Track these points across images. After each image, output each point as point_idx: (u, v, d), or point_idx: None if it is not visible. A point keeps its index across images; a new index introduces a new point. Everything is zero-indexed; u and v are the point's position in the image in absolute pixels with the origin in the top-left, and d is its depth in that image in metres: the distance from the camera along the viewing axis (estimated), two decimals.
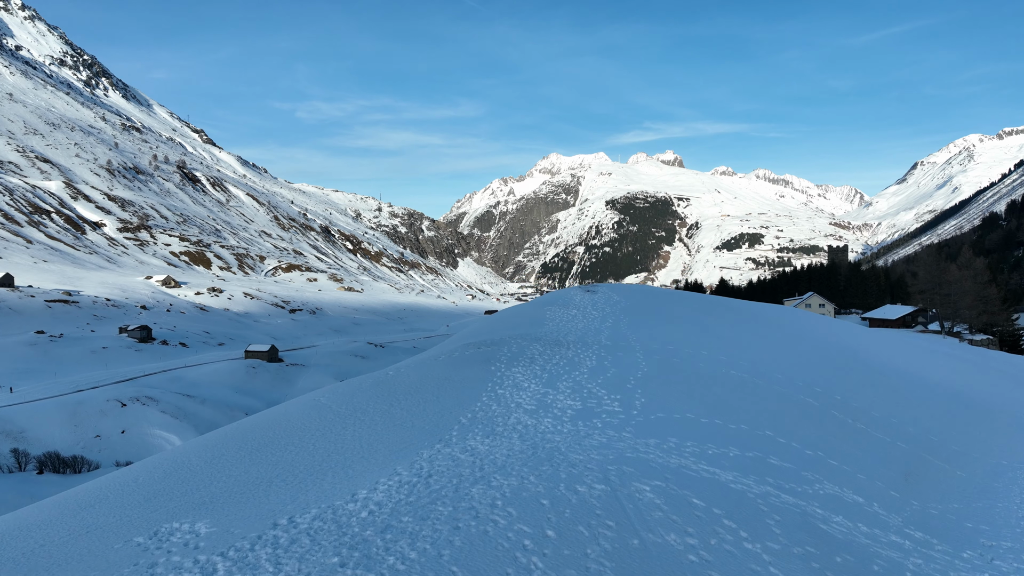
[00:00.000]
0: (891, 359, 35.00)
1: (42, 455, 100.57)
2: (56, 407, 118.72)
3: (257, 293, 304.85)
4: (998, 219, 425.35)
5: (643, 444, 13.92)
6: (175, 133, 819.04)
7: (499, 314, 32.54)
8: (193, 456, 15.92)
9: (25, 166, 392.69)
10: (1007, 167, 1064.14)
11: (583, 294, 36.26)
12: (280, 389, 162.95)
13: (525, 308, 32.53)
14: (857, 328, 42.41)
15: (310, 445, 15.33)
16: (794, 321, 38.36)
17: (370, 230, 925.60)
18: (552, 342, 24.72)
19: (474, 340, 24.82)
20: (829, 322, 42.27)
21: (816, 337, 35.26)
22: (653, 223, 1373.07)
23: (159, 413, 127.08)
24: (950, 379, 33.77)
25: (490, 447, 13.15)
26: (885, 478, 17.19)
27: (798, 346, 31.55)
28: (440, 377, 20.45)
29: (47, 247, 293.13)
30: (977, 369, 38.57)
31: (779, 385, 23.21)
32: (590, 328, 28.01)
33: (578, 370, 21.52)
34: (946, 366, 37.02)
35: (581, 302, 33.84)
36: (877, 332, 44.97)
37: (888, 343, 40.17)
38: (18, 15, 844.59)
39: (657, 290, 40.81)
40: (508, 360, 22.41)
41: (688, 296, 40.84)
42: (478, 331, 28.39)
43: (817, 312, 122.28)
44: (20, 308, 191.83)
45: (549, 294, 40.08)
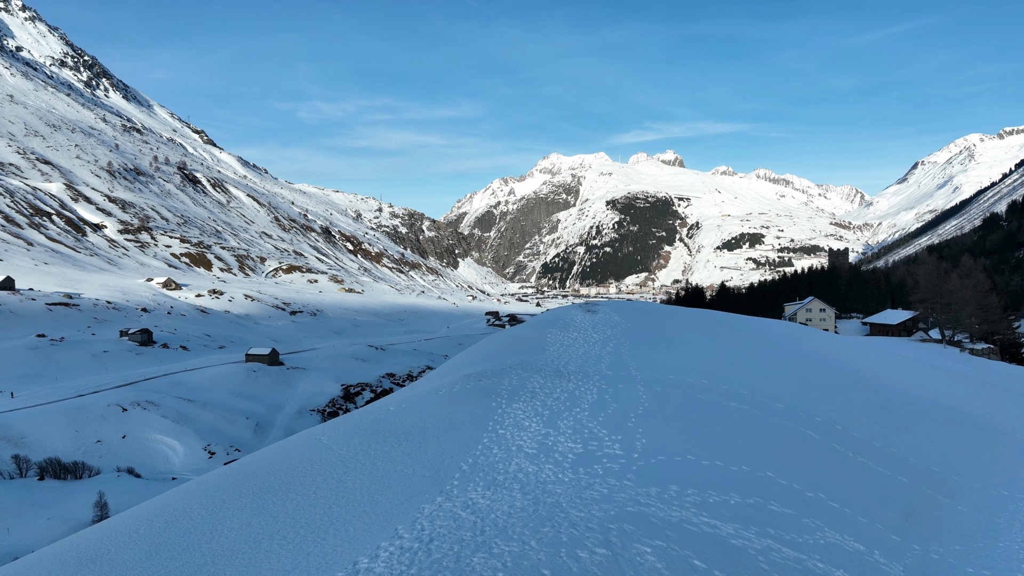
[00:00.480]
0: (892, 378, 34.91)
1: (43, 461, 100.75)
2: (57, 412, 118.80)
3: (258, 295, 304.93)
4: (999, 219, 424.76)
5: (644, 494, 13.88)
6: (175, 134, 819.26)
7: (501, 336, 32.38)
8: (195, 503, 15.84)
9: (26, 168, 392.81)
10: (1008, 167, 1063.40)
11: (584, 314, 36.16)
12: (281, 393, 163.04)
13: (527, 330, 32.35)
14: (858, 343, 42.29)
15: (311, 493, 15.25)
16: (795, 339, 38.19)
17: (371, 231, 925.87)
18: (553, 372, 24.62)
19: (475, 369, 24.70)
20: (830, 338, 42.23)
21: (817, 357, 35.15)
22: (654, 223, 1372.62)
23: (160, 418, 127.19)
24: (951, 398, 33.70)
25: (491, 502, 13.07)
26: (886, 519, 17.16)
27: (799, 369, 31.43)
28: (441, 415, 20.33)
29: (48, 249, 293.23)
30: (978, 386, 38.45)
31: (779, 416, 23.13)
32: (591, 354, 27.93)
33: (579, 406, 21.44)
34: (947, 384, 36.92)
35: (582, 323, 33.71)
36: (878, 346, 44.86)
37: (889, 359, 40.05)
38: (19, 16, 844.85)
39: (657, 308, 40.70)
40: (509, 395, 22.30)
41: (688, 314, 40.71)
42: (480, 355, 28.18)
43: (818, 317, 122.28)
44: (21, 311, 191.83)
45: (550, 313, 39.87)
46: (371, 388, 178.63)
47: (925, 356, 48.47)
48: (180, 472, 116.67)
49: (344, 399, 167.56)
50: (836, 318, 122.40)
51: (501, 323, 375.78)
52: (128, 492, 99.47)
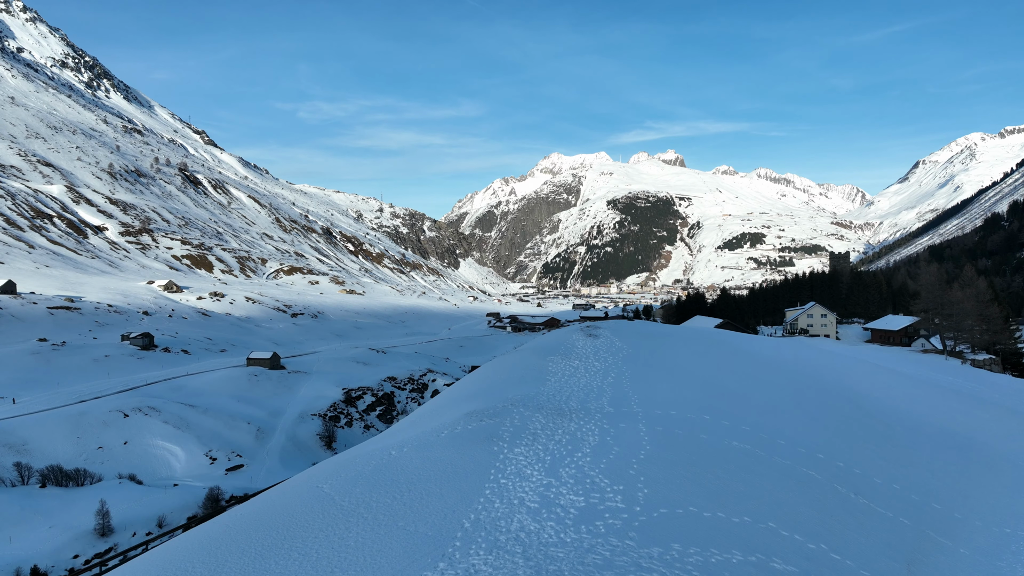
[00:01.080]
0: (892, 402, 34.77)
1: (45, 468, 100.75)
2: (58, 419, 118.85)
3: (259, 297, 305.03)
4: (1000, 220, 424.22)
5: (647, 557, 13.81)
6: (176, 134, 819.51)
7: (503, 362, 32.17)
8: (197, 561, 15.79)
9: (27, 170, 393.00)
10: (1009, 166, 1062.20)
11: (585, 338, 36.08)
12: (282, 397, 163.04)
13: (529, 357, 32.15)
14: (857, 363, 42.13)
15: (313, 554, 15.21)
16: (794, 361, 38.06)
17: (371, 231, 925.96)
18: (554, 410, 24.48)
19: (477, 406, 24.51)
20: (829, 356, 42.13)
21: (816, 380, 35.00)
22: (655, 223, 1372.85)
23: (161, 424, 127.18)
24: (952, 422, 33.58)
25: (494, 569, 13.03)
26: (889, 570, 17.12)
27: (798, 396, 31.32)
28: (443, 461, 20.23)
29: (49, 252, 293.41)
30: (979, 406, 38.28)
31: (781, 456, 23.06)
32: (592, 386, 27.85)
33: (581, 450, 21.35)
34: (947, 405, 36.78)
35: (583, 350, 33.61)
36: (878, 365, 44.72)
37: (888, 380, 39.92)
38: (19, 17, 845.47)
39: (657, 330, 40.47)
40: (511, 437, 22.19)
41: (688, 336, 40.46)
42: (482, 385, 27.98)
43: (819, 322, 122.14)
44: (23, 315, 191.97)
45: (552, 336, 39.65)
46: (372, 392, 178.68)
47: (926, 372, 48.31)
48: (182, 478, 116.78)
49: (345, 403, 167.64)
50: (837, 323, 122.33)
51: (502, 324, 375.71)
52: (130, 499, 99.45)
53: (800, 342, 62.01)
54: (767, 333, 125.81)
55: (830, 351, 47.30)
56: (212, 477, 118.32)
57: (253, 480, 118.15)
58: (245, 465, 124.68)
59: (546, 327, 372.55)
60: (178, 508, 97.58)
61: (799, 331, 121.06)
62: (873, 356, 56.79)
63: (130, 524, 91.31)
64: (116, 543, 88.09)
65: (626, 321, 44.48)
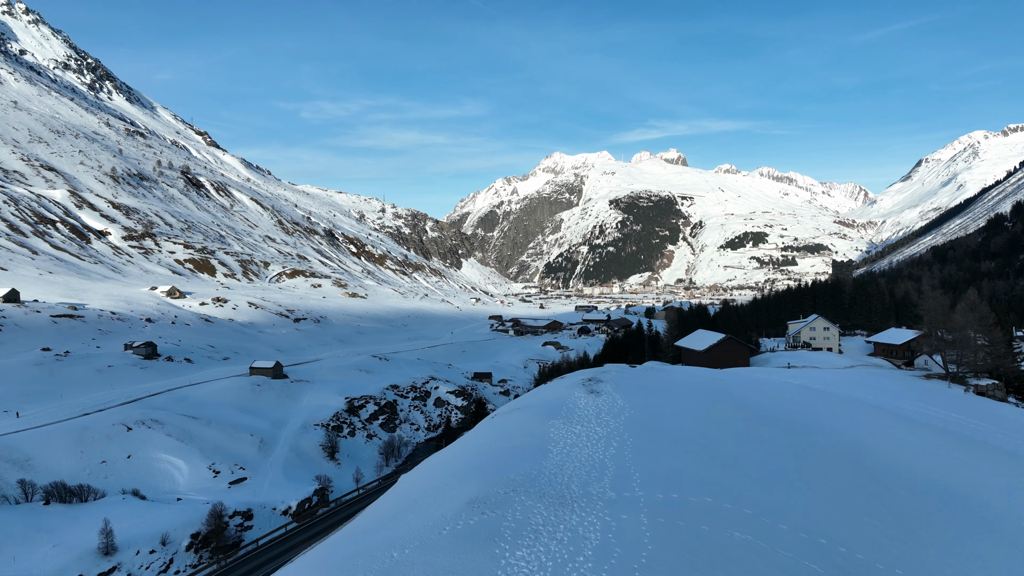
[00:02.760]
0: (896, 456, 34.43)
1: (48, 485, 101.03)
2: (62, 433, 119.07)
3: (261, 302, 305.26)
4: (1003, 220, 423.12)
5: None
6: (179, 136, 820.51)
7: (504, 426, 31.70)
8: None
9: (30, 175, 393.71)
10: (1012, 164, 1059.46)
11: (587, 396, 35.88)
12: (285, 407, 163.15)
13: (530, 422, 31.77)
14: (862, 407, 41.78)
15: None
16: (798, 416, 37.57)
17: (374, 231, 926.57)
18: (556, 499, 24.12)
19: (477, 492, 24.20)
20: (835, 401, 41.91)
21: (820, 437, 34.52)
22: (657, 222, 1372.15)
23: (165, 437, 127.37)
24: (957, 479, 33.17)
25: None
26: None
27: (800, 460, 30.85)
28: (445, 569, 20.14)
29: (52, 258, 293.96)
30: (985, 454, 37.85)
31: (783, 547, 22.89)
32: (594, 461, 27.64)
33: (583, 553, 21.16)
34: (953, 456, 36.17)
35: (585, 410, 33.39)
36: (880, 406, 44.25)
37: (891, 427, 39.56)
38: (22, 19, 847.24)
39: (660, 382, 39.88)
40: (512, 536, 21.88)
41: (690, 388, 39.83)
42: (483, 459, 27.37)
43: (822, 336, 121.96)
44: (26, 324, 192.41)
45: (553, 390, 39.26)
46: (375, 400, 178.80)
47: (929, 408, 48.03)
48: (185, 492, 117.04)
49: (348, 412, 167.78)
50: (840, 336, 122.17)
51: (505, 328, 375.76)
52: (133, 516, 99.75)
53: (803, 373, 61.85)
54: (770, 347, 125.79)
55: (833, 394, 46.61)
56: (215, 491, 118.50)
57: (256, 494, 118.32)
58: (248, 478, 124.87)
59: (548, 330, 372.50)
60: (181, 525, 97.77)
61: (802, 344, 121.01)
62: (876, 385, 56.52)
63: (133, 542, 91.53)
64: (119, 562, 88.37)
65: (628, 369, 44.14)
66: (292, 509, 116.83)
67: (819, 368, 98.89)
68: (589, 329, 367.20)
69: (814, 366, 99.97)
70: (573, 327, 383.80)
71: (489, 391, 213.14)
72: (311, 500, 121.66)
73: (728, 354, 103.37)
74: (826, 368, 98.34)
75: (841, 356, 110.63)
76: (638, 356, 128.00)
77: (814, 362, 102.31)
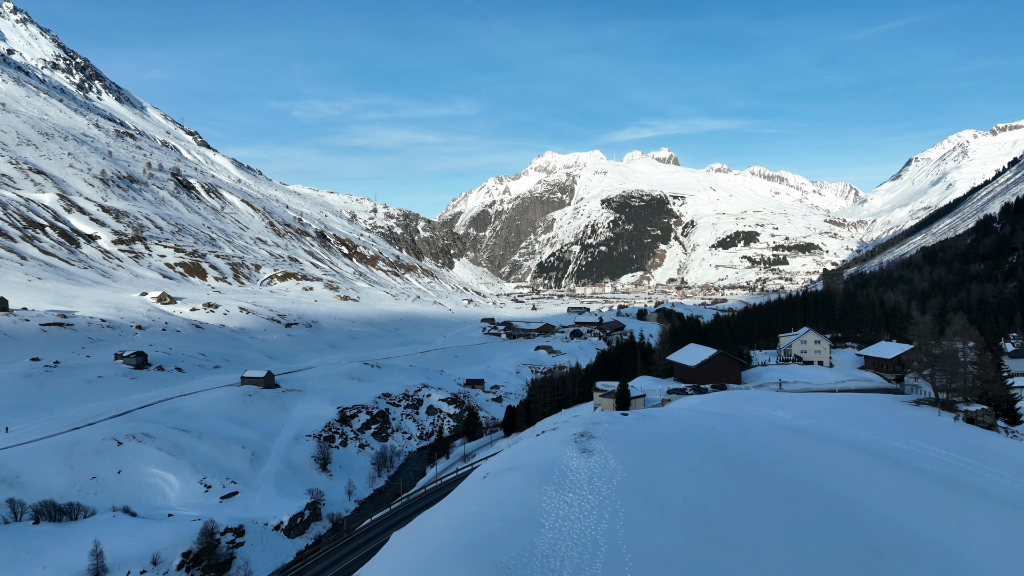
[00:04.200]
0: (888, 511, 34.37)
1: (38, 504, 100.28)
2: (52, 449, 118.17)
3: (253, 307, 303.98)
4: (992, 222, 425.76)
5: None
6: (169, 136, 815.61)
7: (496, 493, 31.15)
8: None
9: (19, 178, 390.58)
10: (1001, 164, 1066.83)
11: (579, 455, 35.56)
12: (277, 417, 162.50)
13: (522, 490, 31.13)
14: (855, 452, 41.72)
15: None
16: (793, 475, 37.28)
17: (365, 232, 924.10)
18: None
19: None
20: (828, 456, 41.74)
21: (813, 495, 34.23)
22: (649, 221, 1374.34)
23: (155, 451, 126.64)
24: (948, 535, 33.30)
25: None
26: None
27: (795, 530, 30.51)
28: None
29: (41, 263, 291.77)
30: (973, 501, 37.88)
31: None
32: (587, 539, 27.12)
33: None
34: (946, 508, 36.16)
35: (577, 473, 33.01)
36: (870, 450, 44.09)
37: (885, 475, 39.46)
38: (10, 18, 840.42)
39: (653, 440, 39.17)
40: None
41: (682, 444, 39.25)
42: (471, 537, 26.77)
43: (812, 348, 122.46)
44: (15, 333, 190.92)
45: (544, 450, 38.63)
46: (367, 410, 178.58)
47: (920, 445, 48.05)
48: (176, 508, 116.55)
49: (340, 422, 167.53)
50: (831, 348, 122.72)
51: (497, 332, 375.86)
52: (124, 534, 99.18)
53: (794, 402, 62.04)
54: (761, 360, 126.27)
55: (824, 435, 46.24)
56: (207, 506, 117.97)
57: (248, 509, 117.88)
58: (240, 492, 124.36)
59: (540, 333, 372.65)
60: (172, 543, 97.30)
61: (793, 358, 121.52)
62: (866, 417, 56.53)
63: (124, 562, 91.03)
64: None
65: (620, 419, 43.87)
66: (284, 524, 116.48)
67: (810, 384, 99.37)
68: (581, 332, 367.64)
69: (805, 382, 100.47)
70: (565, 330, 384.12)
71: (482, 398, 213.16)
72: (303, 515, 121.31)
73: (720, 369, 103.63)
74: (817, 384, 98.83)
75: (832, 370, 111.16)
76: (630, 369, 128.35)
77: (805, 377, 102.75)
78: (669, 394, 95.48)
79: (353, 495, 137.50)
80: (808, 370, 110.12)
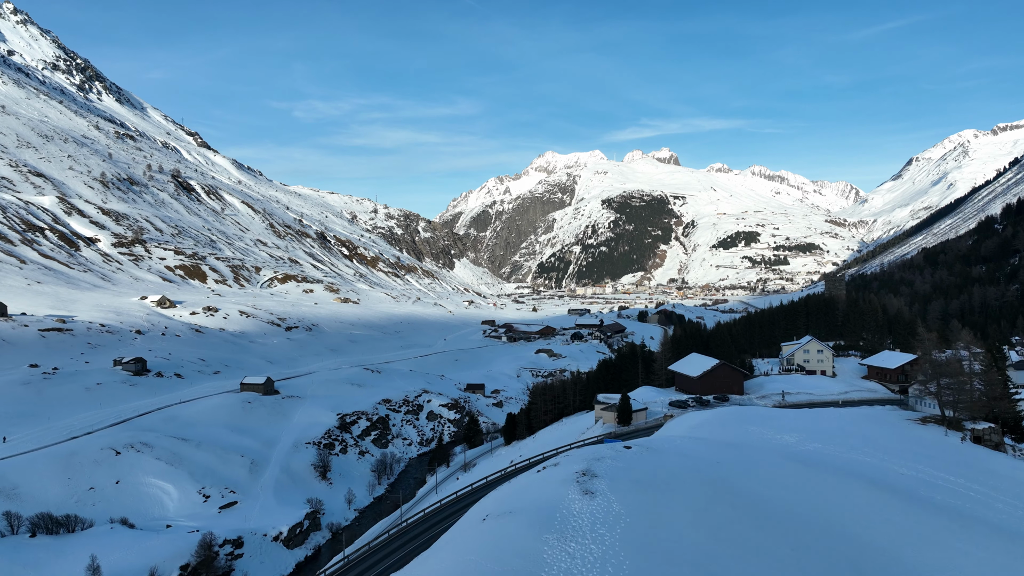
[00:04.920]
0: (898, 553, 33.52)
1: (35, 516, 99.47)
2: (49, 459, 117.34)
3: (253, 311, 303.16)
4: (993, 223, 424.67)
5: None
6: (169, 137, 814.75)
7: (495, 540, 30.17)
8: None
9: (18, 181, 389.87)
10: (1002, 163, 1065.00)
11: (581, 497, 34.50)
12: (276, 424, 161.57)
13: (523, 537, 30.08)
14: (864, 483, 40.70)
15: None
16: (800, 513, 36.23)
17: (366, 232, 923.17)
18: None
19: None
20: (835, 491, 40.67)
21: (822, 538, 33.22)
22: (649, 222, 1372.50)
23: (154, 460, 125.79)
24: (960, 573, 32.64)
25: None
26: None
27: None
28: None
29: (41, 267, 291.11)
30: (990, 542, 37.12)
31: None
32: None
33: None
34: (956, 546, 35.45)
35: (579, 519, 31.87)
36: (884, 480, 43.17)
37: (895, 512, 38.39)
38: (10, 19, 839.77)
39: (660, 480, 38.04)
40: None
41: (689, 484, 38.09)
42: None
43: (815, 358, 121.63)
44: (14, 339, 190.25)
45: (544, 491, 37.28)
46: (367, 416, 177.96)
47: (928, 471, 47.09)
48: (174, 518, 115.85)
49: (340, 428, 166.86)
50: (834, 357, 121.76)
51: (498, 334, 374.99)
52: (121, 547, 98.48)
53: (798, 422, 61.13)
54: (763, 370, 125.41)
55: (831, 464, 45.23)
56: (205, 516, 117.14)
57: (247, 519, 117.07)
58: (239, 502, 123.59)
59: (541, 336, 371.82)
60: (170, 556, 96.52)
61: (796, 367, 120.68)
62: (873, 441, 55.54)
63: None
64: None
65: (624, 454, 42.89)
66: (283, 535, 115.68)
67: (813, 396, 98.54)
68: (582, 335, 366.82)
69: (808, 393, 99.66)
70: (566, 332, 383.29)
71: (482, 403, 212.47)
72: (303, 524, 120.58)
73: (722, 380, 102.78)
74: (820, 396, 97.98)
75: (835, 381, 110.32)
76: (631, 378, 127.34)
77: (808, 388, 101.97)
78: (671, 407, 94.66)
79: (353, 504, 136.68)
80: (811, 380, 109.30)
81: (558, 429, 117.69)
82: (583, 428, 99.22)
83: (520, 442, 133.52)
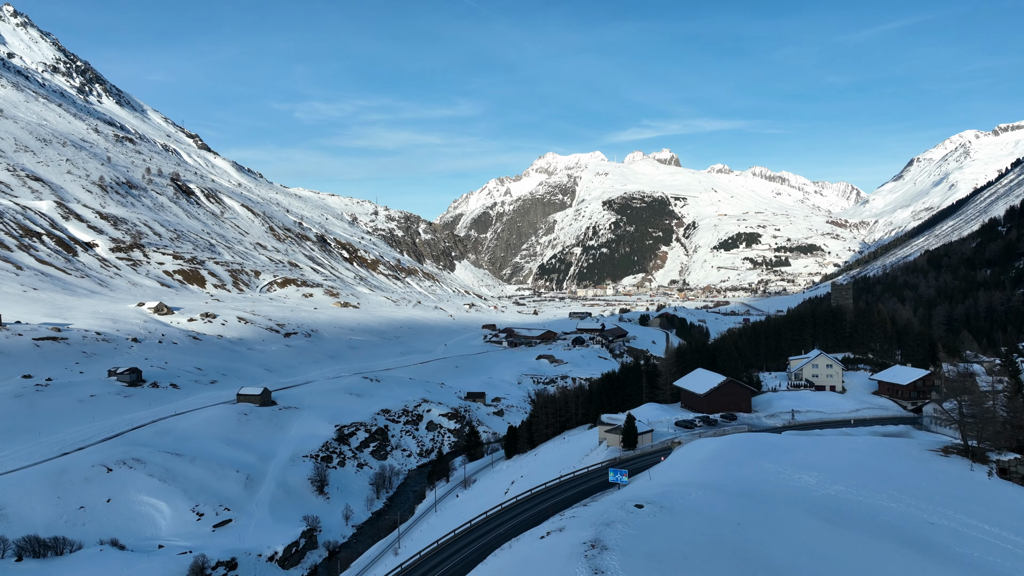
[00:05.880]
0: None
1: (21, 539, 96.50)
2: (39, 477, 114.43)
3: (251, 316, 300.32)
4: (997, 225, 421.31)
5: None
6: (169, 139, 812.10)
7: None
8: None
9: (16, 185, 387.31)
10: (1004, 164, 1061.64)
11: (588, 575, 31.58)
12: (273, 437, 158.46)
13: None
14: (889, 541, 37.81)
15: None
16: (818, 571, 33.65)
17: (366, 235, 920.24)
18: None
19: None
20: (858, 555, 37.65)
21: None
22: (650, 223, 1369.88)
23: (147, 477, 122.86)
24: None
25: None
26: None
27: None
28: None
29: (37, 273, 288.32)
30: None
31: None
32: None
33: None
34: None
35: None
36: (909, 525, 40.34)
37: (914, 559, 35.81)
38: (10, 22, 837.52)
39: (673, 537, 35.34)
40: None
41: (708, 536, 35.53)
42: None
43: (824, 372, 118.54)
44: (7, 349, 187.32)
45: (545, 565, 34.76)
46: (366, 427, 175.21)
47: (957, 518, 44.09)
48: (167, 538, 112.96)
49: (338, 441, 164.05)
50: (843, 371, 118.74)
51: (498, 340, 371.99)
52: (110, 571, 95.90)
53: (811, 454, 58.22)
54: (771, 385, 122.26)
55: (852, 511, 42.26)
56: (199, 535, 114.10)
57: (241, 538, 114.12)
58: (233, 519, 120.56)
59: (542, 340, 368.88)
60: None
61: (804, 383, 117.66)
62: (894, 479, 52.69)
63: None
64: None
65: (637, 515, 39.88)
66: (279, 555, 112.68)
67: (823, 414, 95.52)
68: (583, 340, 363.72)
69: (819, 411, 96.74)
70: (567, 337, 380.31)
71: (483, 412, 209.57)
72: (299, 543, 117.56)
73: (729, 397, 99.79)
74: (831, 415, 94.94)
75: (845, 397, 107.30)
76: (635, 394, 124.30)
77: (818, 406, 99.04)
78: (677, 428, 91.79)
79: (351, 520, 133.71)
80: (820, 397, 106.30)
81: (560, 446, 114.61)
82: (586, 448, 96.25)
83: (521, 456, 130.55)
